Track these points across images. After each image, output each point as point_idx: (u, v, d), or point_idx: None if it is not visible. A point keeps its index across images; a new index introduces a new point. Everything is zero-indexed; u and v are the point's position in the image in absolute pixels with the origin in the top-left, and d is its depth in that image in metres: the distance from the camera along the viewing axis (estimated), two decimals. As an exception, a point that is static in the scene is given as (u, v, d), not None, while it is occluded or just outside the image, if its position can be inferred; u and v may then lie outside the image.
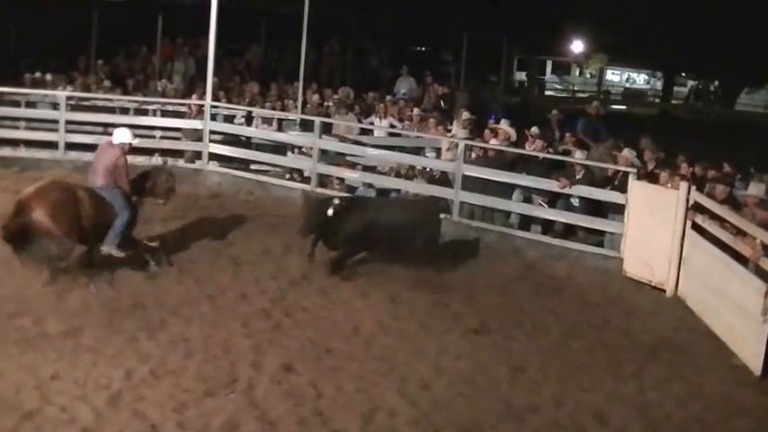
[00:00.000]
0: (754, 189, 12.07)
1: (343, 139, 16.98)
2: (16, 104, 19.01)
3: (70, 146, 18.01)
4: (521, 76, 54.35)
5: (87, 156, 17.85)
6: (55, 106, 18.50)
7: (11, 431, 7.90)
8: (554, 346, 10.76)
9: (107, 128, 18.31)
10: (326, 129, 16.99)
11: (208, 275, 12.15)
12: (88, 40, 24.17)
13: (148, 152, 18.27)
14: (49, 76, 20.93)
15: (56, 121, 18.15)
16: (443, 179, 15.63)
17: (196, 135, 17.94)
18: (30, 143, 18.44)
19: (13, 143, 18.44)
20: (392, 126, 17.70)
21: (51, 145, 18.12)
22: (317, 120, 16.67)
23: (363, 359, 9.85)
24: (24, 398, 8.49)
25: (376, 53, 25.43)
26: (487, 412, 8.89)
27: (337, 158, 16.71)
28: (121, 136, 12.07)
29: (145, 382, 8.98)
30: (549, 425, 8.82)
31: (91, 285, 11.27)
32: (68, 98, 18.48)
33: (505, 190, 14.91)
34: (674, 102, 52.92)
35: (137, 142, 12.41)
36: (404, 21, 24.29)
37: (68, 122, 18.06)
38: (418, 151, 16.70)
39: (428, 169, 16.12)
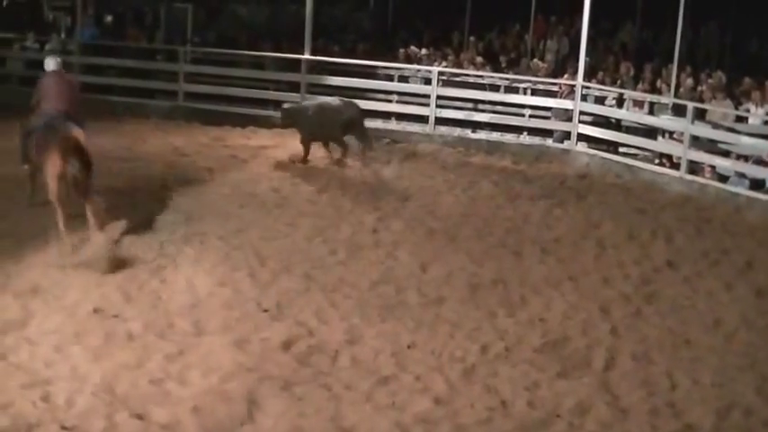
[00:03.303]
0: None
1: (716, 126, 16.47)
2: (390, 78, 19.87)
3: (440, 120, 18.62)
4: None
5: (457, 131, 18.50)
6: (427, 81, 19.15)
7: (367, 393, 8.22)
8: None
9: (477, 104, 18.86)
10: (700, 114, 16.53)
11: (571, 256, 12.18)
12: (462, 16, 24.74)
13: (517, 130, 18.64)
14: (423, 51, 21.66)
15: (427, 96, 18.80)
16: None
17: (566, 115, 18.01)
18: (401, 116, 19.24)
19: (385, 116, 19.31)
20: (769, 114, 16.96)
21: (421, 119, 18.80)
22: (690, 104, 16.25)
23: (723, 353, 9.54)
24: (381, 363, 8.82)
25: (756, 35, 24.31)
26: None
27: (709, 145, 16.25)
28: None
29: (500, 358, 9.13)
30: None
31: None
32: (440, 73, 19.06)
33: None
34: None
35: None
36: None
37: (439, 97, 18.65)
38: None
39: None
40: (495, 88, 19.32)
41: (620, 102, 18.24)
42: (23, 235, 11.48)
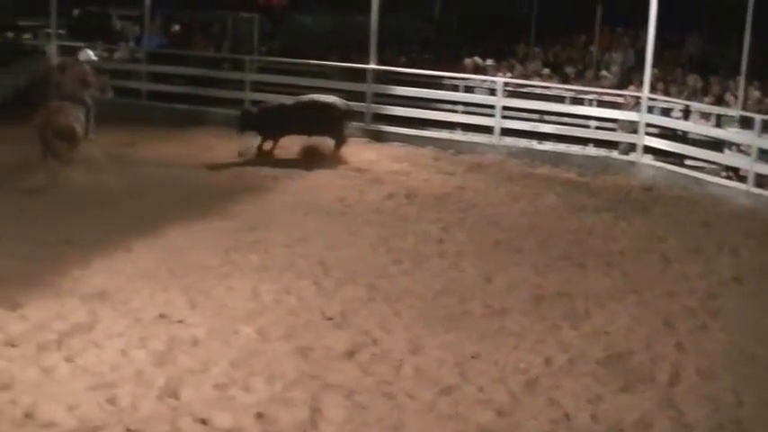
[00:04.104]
0: None
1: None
2: (455, 89, 19.87)
3: (505, 131, 18.58)
4: None
5: (522, 142, 18.43)
6: (492, 92, 19.13)
7: (429, 404, 8.20)
8: None
9: (542, 115, 18.78)
10: (767, 127, 16.30)
11: (636, 269, 12.08)
12: (528, 28, 24.72)
13: (583, 141, 18.53)
14: (489, 62, 21.64)
15: (492, 107, 18.78)
16: None
17: (632, 127, 17.88)
18: (466, 127, 19.24)
19: (451, 126, 19.32)
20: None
21: (487, 129, 18.78)
22: (758, 117, 16.05)
23: (790, 370, 9.46)
24: (444, 373, 8.80)
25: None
26: None
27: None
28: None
29: (563, 370, 9.07)
30: None
31: None
32: (505, 84, 19.03)
33: None
34: None
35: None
36: None
37: (504, 108, 18.62)
38: None
39: None
40: (560, 99, 19.22)
41: (686, 114, 18.05)
42: (89, 240, 11.69)
